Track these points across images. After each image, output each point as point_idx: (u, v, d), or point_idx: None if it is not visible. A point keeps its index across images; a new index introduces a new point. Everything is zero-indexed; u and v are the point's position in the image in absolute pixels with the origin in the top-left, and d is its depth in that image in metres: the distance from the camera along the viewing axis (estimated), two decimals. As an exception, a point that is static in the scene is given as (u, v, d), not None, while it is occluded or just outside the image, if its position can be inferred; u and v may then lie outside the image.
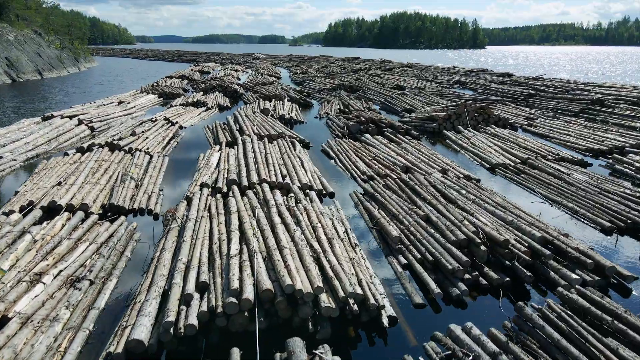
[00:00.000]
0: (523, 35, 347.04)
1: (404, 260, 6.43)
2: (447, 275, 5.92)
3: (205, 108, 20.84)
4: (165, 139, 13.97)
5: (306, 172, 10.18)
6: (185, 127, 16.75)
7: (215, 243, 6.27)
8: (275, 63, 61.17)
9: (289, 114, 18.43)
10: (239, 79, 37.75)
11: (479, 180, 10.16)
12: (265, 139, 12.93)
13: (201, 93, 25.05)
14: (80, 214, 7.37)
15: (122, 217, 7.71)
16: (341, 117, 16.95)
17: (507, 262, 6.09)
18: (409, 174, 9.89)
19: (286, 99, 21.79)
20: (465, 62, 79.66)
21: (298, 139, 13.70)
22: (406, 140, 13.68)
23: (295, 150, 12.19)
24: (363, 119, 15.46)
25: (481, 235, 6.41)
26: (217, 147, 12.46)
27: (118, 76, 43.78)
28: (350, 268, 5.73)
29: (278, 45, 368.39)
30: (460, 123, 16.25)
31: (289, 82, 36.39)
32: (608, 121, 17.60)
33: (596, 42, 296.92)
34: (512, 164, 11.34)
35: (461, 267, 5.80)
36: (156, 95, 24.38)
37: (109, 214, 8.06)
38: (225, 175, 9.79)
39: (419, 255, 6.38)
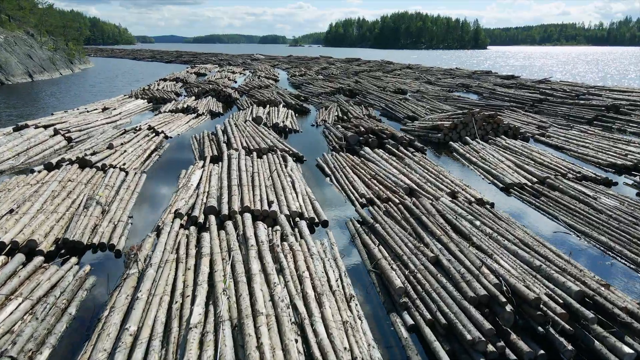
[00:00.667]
0: (524, 35, 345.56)
1: (410, 321, 5.22)
2: (465, 345, 4.71)
3: (196, 115, 19.63)
4: (146, 152, 12.77)
5: (297, 195, 8.98)
6: (170, 137, 15.56)
7: (177, 301, 5.07)
8: (274, 64, 59.99)
9: (283, 122, 17.22)
10: (235, 82, 36.59)
11: (492, 205, 8.95)
12: (254, 153, 11.73)
13: (193, 98, 23.85)
14: (19, 257, 6.15)
15: (73, 259, 6.49)
16: (339, 126, 15.75)
17: (540, 328, 4.88)
18: (413, 199, 8.68)
19: (281, 105, 20.58)
20: (467, 62, 78.42)
21: (291, 152, 12.49)
22: (409, 153, 12.47)
23: (286, 166, 10.99)
24: (362, 129, 14.25)
25: (505, 289, 5.20)
26: (201, 164, 11.26)
27: (112, 78, 42.62)
28: (342, 339, 4.52)
29: (279, 45, 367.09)
30: (468, 133, 15.04)
31: (286, 84, 35.19)
32: (626, 130, 16.38)
33: (598, 42, 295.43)
34: (529, 183, 10.13)
35: (483, 338, 4.58)
36: (145, 101, 23.18)
37: (63, 251, 6.86)
38: (204, 201, 8.59)
39: (428, 316, 5.17)
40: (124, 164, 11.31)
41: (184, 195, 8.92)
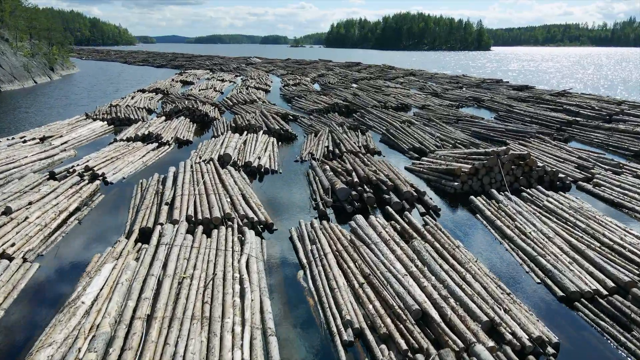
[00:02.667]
0: (527, 35, 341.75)
1: None
2: None
3: (157, 145, 16.24)
4: (59, 217, 9.37)
5: (244, 327, 5.58)
6: (112, 183, 12.18)
7: None
8: (269, 70, 56.61)
9: (258, 159, 13.81)
10: (222, 92, 33.23)
11: (557, 347, 5.56)
12: (200, 229, 8.34)
13: (162, 118, 20.47)
14: None
15: None
16: (327, 167, 12.33)
17: None
18: (427, 347, 5.27)
19: (261, 132, 17.16)
20: (472, 66, 74.68)
21: (255, 220, 9.08)
22: (418, 225, 9.03)
23: (243, 250, 7.59)
24: (356, 179, 10.84)
25: None
26: (120, 246, 7.84)
27: (91, 87, 39.27)
28: None
29: (280, 45, 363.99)
30: (492, 179, 11.63)
31: (277, 96, 31.83)
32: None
33: (601, 43, 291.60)
34: (603, 291, 6.70)
35: None
36: (106, 123, 19.78)
37: None
38: (89, 339, 5.20)
39: None
40: (13, 244, 7.92)
41: (63, 325, 5.53)
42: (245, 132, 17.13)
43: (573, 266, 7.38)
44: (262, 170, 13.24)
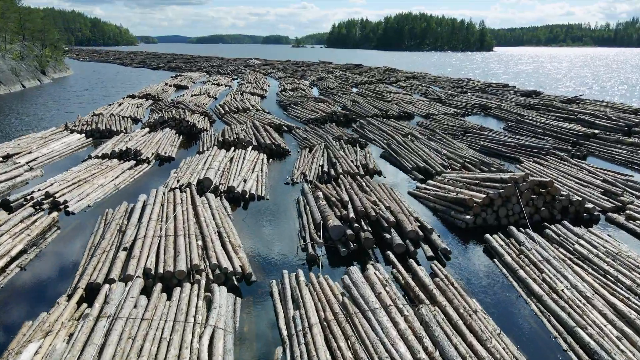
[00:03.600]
0: (530, 36, 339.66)
1: None
2: None
3: (135, 162, 14.73)
4: (-2, 264, 7.84)
5: None
6: (74, 213, 10.67)
7: None
8: (267, 72, 55.11)
9: (243, 182, 12.29)
10: (216, 98, 31.73)
11: None
12: (158, 286, 6.82)
13: (146, 130, 18.96)
14: None
15: None
16: (320, 195, 10.78)
17: None
18: None
19: (250, 148, 15.64)
20: (476, 68, 72.96)
21: (229, 271, 7.54)
22: (426, 280, 7.49)
23: (208, 320, 6.06)
24: (352, 215, 9.30)
25: None
26: (53, 318, 6.29)
27: (81, 92, 37.80)
28: None
29: (282, 46, 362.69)
30: (510, 211, 10.09)
31: (273, 102, 30.34)
32: None
33: (604, 43, 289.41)
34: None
35: None
36: (83, 136, 18.27)
37: None
38: None
39: None
40: None
41: None
42: (233, 148, 15.60)
43: (623, 343, 5.83)
44: (247, 196, 11.70)
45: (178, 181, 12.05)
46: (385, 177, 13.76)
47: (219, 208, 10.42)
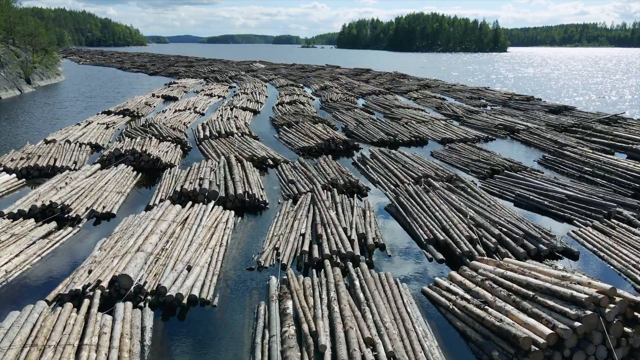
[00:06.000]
0: (544, 36, 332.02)
1: None
2: None
3: (58, 224, 11.04)
4: None
5: None
6: None
7: None
8: (269, 79, 51.38)
9: (184, 275, 8.50)
10: (202, 114, 28.04)
11: None
12: None
13: (96, 167, 15.30)
14: None
15: None
16: (288, 309, 6.98)
17: None
18: None
19: (213, 203, 11.86)
20: (493, 72, 68.33)
21: None
22: None
23: None
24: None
25: None
26: None
27: (60, 104, 34.40)
28: None
29: (292, 45, 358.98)
30: (591, 357, 6.22)
31: (265, 120, 26.62)
32: None
33: (621, 43, 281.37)
34: None
35: None
36: (14, 177, 14.62)
37: None
38: None
39: None
40: None
41: None
42: (190, 204, 11.85)
43: None
44: (185, 301, 7.92)
45: (89, 272, 8.28)
46: (390, 256, 9.92)
47: (127, 336, 6.67)
